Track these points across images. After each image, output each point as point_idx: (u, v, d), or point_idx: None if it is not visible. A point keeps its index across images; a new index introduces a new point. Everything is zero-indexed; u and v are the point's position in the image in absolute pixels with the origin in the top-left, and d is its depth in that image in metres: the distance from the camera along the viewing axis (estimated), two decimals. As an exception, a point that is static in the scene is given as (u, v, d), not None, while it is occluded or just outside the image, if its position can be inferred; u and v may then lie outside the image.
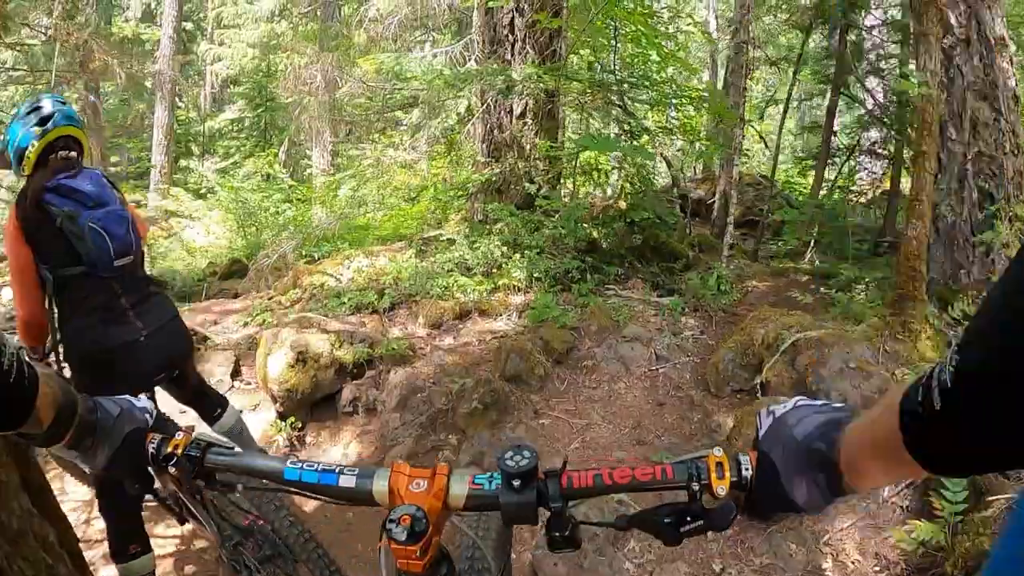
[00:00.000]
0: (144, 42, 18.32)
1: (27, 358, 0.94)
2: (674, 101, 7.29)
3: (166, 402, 2.90)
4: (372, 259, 6.38)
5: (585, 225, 6.55)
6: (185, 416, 3.28)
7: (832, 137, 8.60)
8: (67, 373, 2.58)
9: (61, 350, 2.55)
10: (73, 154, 2.54)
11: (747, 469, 0.85)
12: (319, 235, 8.17)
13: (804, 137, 14.70)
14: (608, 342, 5.10)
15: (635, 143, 7.04)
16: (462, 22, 9.39)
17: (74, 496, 3.61)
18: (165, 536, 3.34)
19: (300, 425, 4.35)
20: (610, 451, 4.09)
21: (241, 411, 4.59)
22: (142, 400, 1.16)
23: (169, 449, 1.07)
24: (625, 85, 7.48)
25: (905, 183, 6.98)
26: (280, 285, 6.62)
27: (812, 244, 7.51)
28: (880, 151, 8.60)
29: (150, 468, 1.09)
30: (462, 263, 5.94)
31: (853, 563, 2.96)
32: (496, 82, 6.50)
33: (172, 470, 1.05)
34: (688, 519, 0.86)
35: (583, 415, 4.44)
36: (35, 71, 9.30)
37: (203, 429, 1.17)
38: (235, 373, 4.98)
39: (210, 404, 3.13)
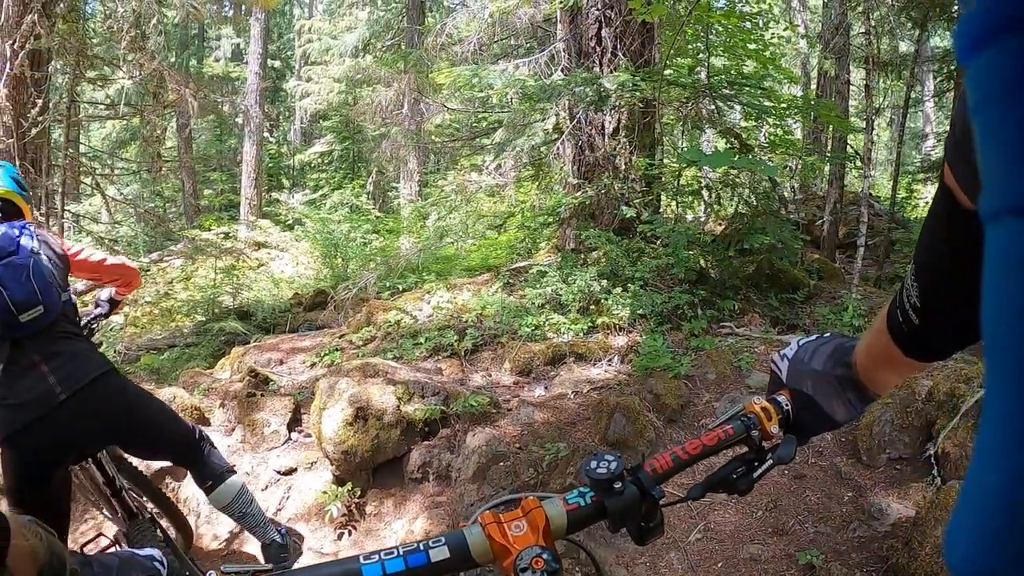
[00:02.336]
0: (234, 79, 18.84)
1: None
2: (772, 112, 6.41)
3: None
4: (454, 293, 5.70)
5: (692, 253, 5.69)
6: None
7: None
8: None
9: None
10: None
11: (787, 405, 0.96)
12: (403, 266, 7.76)
13: (908, 147, 13.37)
14: (730, 395, 4.23)
15: (750, 157, 6.14)
16: (544, 40, 8.86)
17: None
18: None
19: (359, 492, 3.66)
20: (741, 543, 3.20)
21: (293, 470, 3.97)
22: (146, 549, 1.01)
23: None
24: (730, 92, 6.63)
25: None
26: (353, 322, 6.03)
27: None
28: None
29: None
30: (554, 298, 5.16)
31: None
32: (587, 93, 5.78)
33: None
34: (756, 464, 0.92)
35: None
36: (113, 106, 9.25)
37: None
38: (293, 423, 4.35)
39: (202, 472, 2.71)
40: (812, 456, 3.85)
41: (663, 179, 6.60)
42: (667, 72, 6.25)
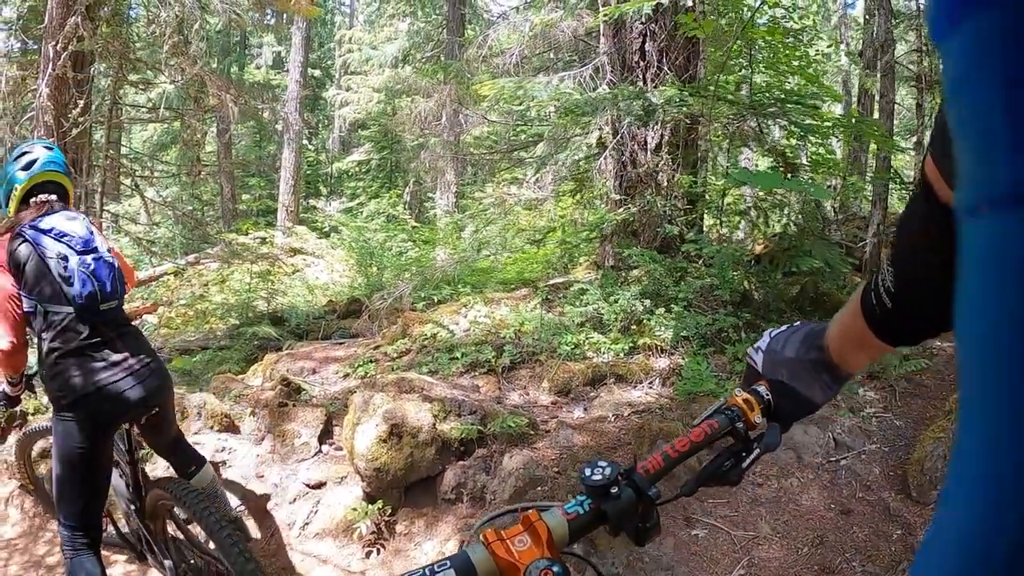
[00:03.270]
0: (274, 87, 19.07)
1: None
2: (817, 131, 6.20)
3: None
4: (491, 308, 5.58)
5: (737, 274, 5.50)
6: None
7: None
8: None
9: (43, 378, 2.63)
10: (54, 197, 2.68)
11: (767, 395, 0.98)
12: (439, 277, 7.67)
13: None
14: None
15: (798, 178, 5.95)
16: (585, 55, 8.75)
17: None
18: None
19: (390, 510, 3.53)
20: (788, 581, 3.03)
21: (322, 484, 3.87)
22: None
23: None
24: (777, 109, 6.44)
25: None
26: (388, 333, 5.94)
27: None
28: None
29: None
30: (595, 317, 5.01)
31: None
32: (632, 107, 5.64)
33: None
34: (744, 455, 0.94)
35: (748, 524, 3.40)
36: (155, 109, 9.36)
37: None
38: (325, 435, 4.25)
39: (185, 459, 3.12)
40: (859, 490, 3.67)
41: (706, 197, 6.43)
42: (713, 88, 6.10)
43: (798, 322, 1.00)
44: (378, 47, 17.83)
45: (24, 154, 2.70)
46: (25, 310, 2.51)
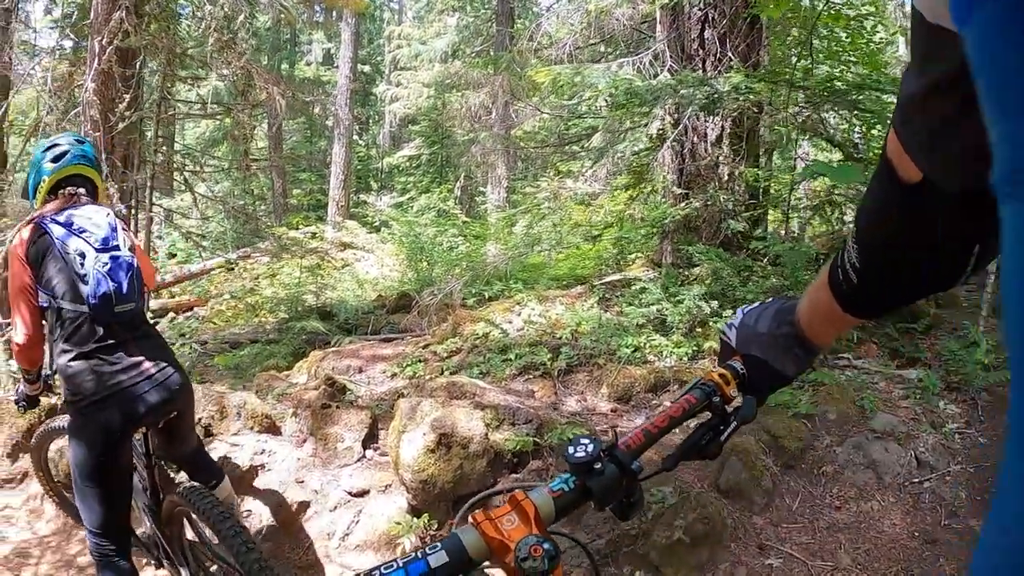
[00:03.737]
0: (324, 83, 19.18)
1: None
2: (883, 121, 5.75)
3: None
4: (546, 306, 5.30)
5: (808, 275, 5.13)
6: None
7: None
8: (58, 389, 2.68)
9: (57, 378, 2.60)
10: (81, 191, 2.62)
11: (742, 369, 1.00)
12: (490, 273, 7.51)
13: None
14: (853, 439, 3.72)
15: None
16: (639, 44, 8.43)
17: None
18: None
19: (437, 525, 3.29)
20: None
21: (365, 492, 3.64)
22: None
23: None
24: (852, 98, 6.01)
25: None
26: (438, 331, 5.71)
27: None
28: None
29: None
30: (657, 318, 4.69)
31: None
32: (695, 96, 5.30)
33: None
34: (722, 428, 0.96)
35: (826, 553, 3.10)
36: (204, 105, 9.37)
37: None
38: (369, 439, 4.02)
39: (204, 472, 3.01)
40: (945, 516, 3.35)
41: (771, 192, 6.05)
42: (789, 73, 5.73)
43: (770, 299, 1.02)
44: (427, 42, 17.78)
45: (54, 146, 2.64)
46: (40, 304, 2.46)
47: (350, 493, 3.64)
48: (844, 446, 3.69)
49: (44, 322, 2.52)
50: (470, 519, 0.85)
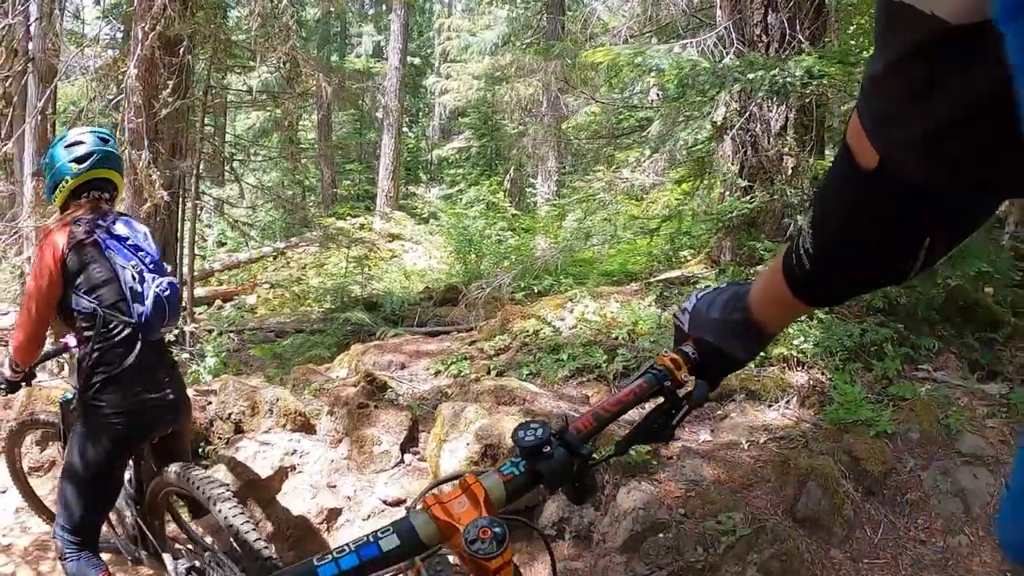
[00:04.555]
0: (374, 75, 19.17)
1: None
2: None
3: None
4: (600, 303, 4.98)
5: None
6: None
7: None
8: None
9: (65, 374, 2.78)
10: (106, 196, 2.56)
11: (694, 354, 0.97)
12: (540, 267, 7.25)
13: None
14: (939, 463, 3.33)
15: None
16: (696, 32, 8.07)
17: None
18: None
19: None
20: None
21: (401, 502, 3.38)
22: None
23: None
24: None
25: None
26: (486, 327, 5.43)
27: None
28: None
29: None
30: (720, 320, 4.33)
31: None
32: (763, 81, 4.90)
33: None
34: (673, 412, 0.95)
35: (913, 596, 2.73)
36: (252, 94, 9.33)
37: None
38: (408, 442, 3.75)
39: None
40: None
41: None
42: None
43: (724, 284, 1.01)
44: (477, 34, 17.60)
45: (77, 144, 2.50)
46: (82, 310, 2.39)
47: (385, 502, 3.39)
48: (929, 470, 3.31)
49: (73, 328, 2.49)
50: (421, 503, 0.85)
